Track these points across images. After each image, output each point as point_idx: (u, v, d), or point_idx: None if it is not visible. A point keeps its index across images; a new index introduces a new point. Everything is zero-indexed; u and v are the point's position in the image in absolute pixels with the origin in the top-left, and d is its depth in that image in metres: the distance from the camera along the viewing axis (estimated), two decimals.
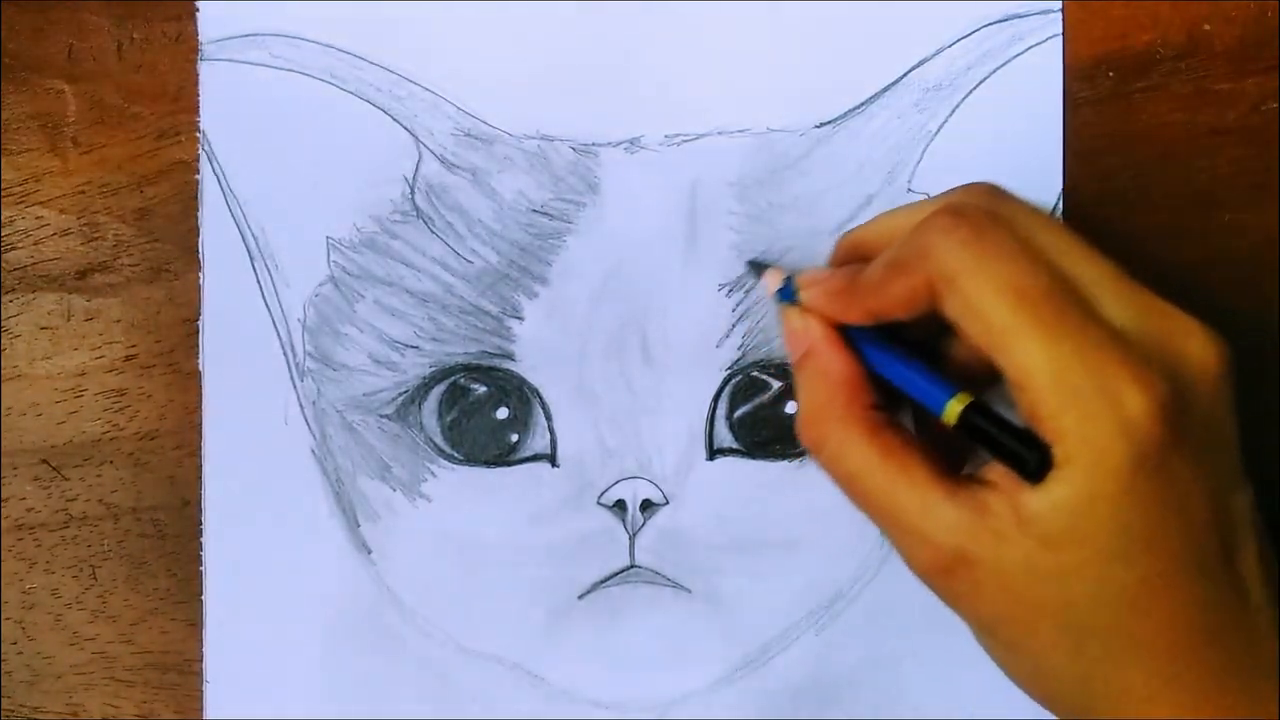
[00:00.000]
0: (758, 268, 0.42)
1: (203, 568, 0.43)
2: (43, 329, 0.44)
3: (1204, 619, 0.33)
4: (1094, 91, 0.43)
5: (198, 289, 0.43)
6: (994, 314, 0.32)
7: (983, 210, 0.34)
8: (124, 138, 0.44)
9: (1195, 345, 0.33)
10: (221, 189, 0.43)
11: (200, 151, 0.43)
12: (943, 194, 0.36)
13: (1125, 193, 0.43)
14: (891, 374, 0.36)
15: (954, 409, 0.34)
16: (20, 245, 0.44)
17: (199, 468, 0.43)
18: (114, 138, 0.44)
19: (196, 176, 0.43)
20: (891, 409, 0.36)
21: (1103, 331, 0.32)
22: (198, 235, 0.43)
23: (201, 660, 0.43)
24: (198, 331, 0.43)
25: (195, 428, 0.43)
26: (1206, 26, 0.43)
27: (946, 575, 0.34)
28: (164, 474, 0.44)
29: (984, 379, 0.35)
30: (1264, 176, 0.43)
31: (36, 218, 0.44)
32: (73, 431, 0.44)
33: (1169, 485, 0.32)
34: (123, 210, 0.44)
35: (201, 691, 0.43)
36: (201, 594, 0.43)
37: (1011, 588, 0.33)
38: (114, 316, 0.44)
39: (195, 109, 0.43)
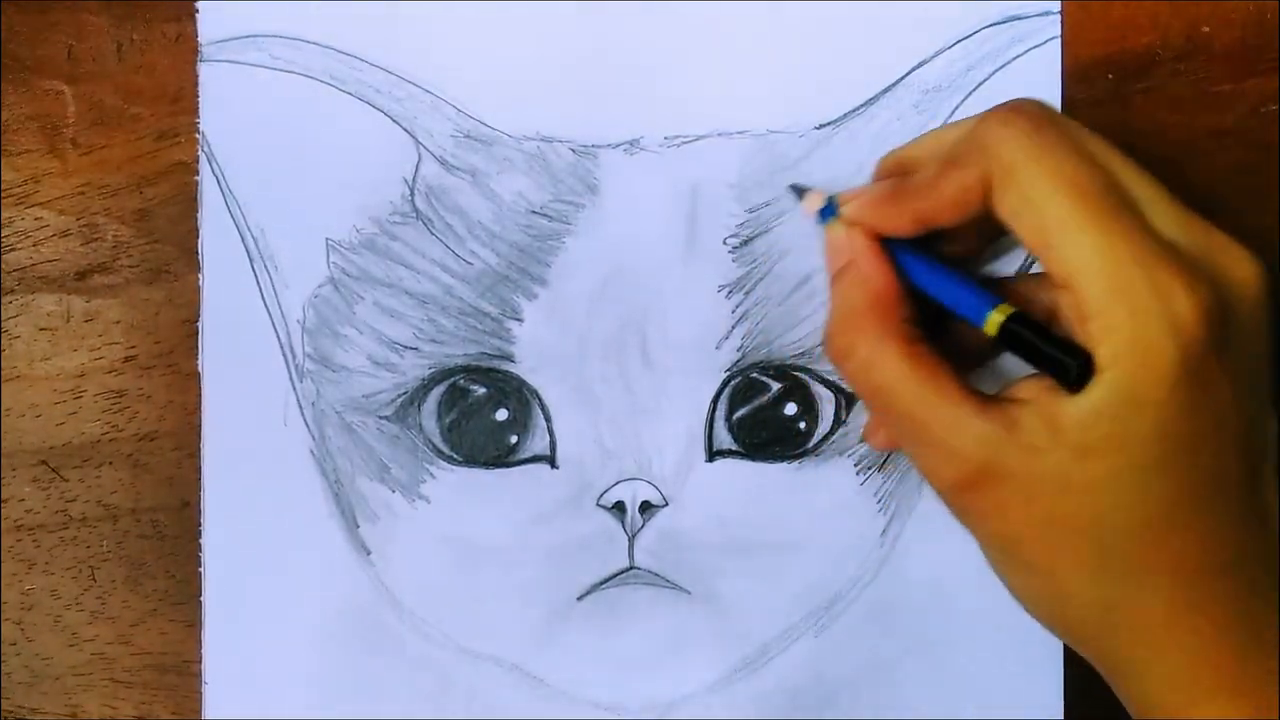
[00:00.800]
0: (799, 191, 0.41)
1: (201, 569, 0.43)
2: (42, 330, 0.44)
3: (1228, 544, 0.33)
4: (1093, 93, 0.43)
5: (197, 290, 0.43)
6: (1051, 207, 0.32)
7: (1041, 109, 0.34)
8: (123, 139, 0.44)
9: (1238, 263, 0.34)
10: (221, 190, 0.43)
11: (200, 153, 0.43)
12: (990, 108, 0.35)
13: None
14: (932, 285, 0.36)
15: (995, 319, 0.34)
16: (20, 246, 0.44)
17: (198, 469, 0.43)
18: (113, 139, 0.44)
19: (196, 178, 0.43)
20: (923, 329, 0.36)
21: (1156, 239, 0.33)
22: (197, 236, 0.43)
23: (200, 661, 0.43)
24: (197, 333, 0.43)
25: (194, 429, 0.43)
26: (1206, 28, 0.43)
27: (971, 490, 0.34)
28: (163, 475, 0.44)
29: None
30: (1263, 179, 0.43)
31: (36, 219, 0.44)
32: (72, 433, 0.44)
33: (1209, 395, 0.32)
34: (122, 211, 0.44)
35: (200, 692, 0.43)
36: (200, 595, 0.43)
37: (1038, 503, 0.33)
38: (113, 318, 0.44)
39: (195, 110, 0.43)
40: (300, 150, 0.43)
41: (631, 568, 0.43)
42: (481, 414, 0.43)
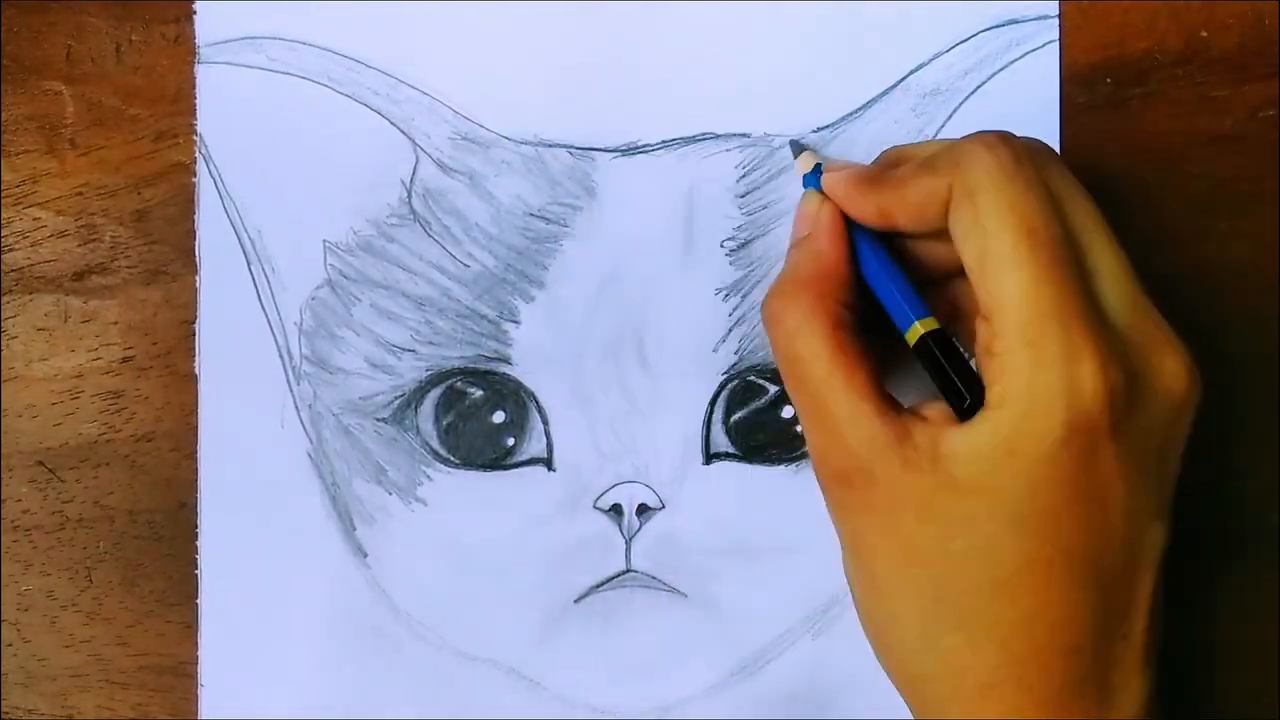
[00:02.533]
0: (797, 148, 0.41)
1: (198, 570, 0.43)
2: (39, 330, 0.44)
3: (1075, 627, 0.32)
4: (1091, 98, 0.43)
5: (195, 291, 0.43)
6: (998, 238, 0.32)
7: (1033, 147, 0.34)
8: (122, 139, 0.44)
9: (1170, 366, 0.33)
10: (218, 192, 0.43)
11: (197, 155, 0.43)
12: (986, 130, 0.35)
13: (1122, 199, 0.43)
14: (873, 278, 0.36)
15: (916, 330, 0.35)
16: (17, 247, 0.44)
17: (195, 470, 0.43)
18: (112, 139, 0.44)
19: (194, 179, 0.43)
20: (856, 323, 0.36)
21: (1089, 306, 0.32)
22: (195, 238, 0.43)
23: (196, 663, 0.43)
24: (195, 334, 0.43)
25: (192, 430, 0.43)
26: (1204, 33, 0.43)
27: (844, 484, 0.34)
28: (160, 476, 0.44)
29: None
30: (1262, 183, 0.43)
31: (34, 219, 0.44)
32: (69, 433, 0.44)
33: (1089, 474, 0.32)
34: (120, 212, 0.44)
35: (196, 694, 0.43)
36: (197, 596, 0.43)
37: (898, 518, 0.33)
38: (111, 318, 0.44)
39: (193, 111, 0.43)
40: (297, 152, 0.43)
41: (628, 570, 0.43)
42: (478, 416, 0.43)
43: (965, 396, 0.33)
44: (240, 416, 0.43)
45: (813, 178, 0.39)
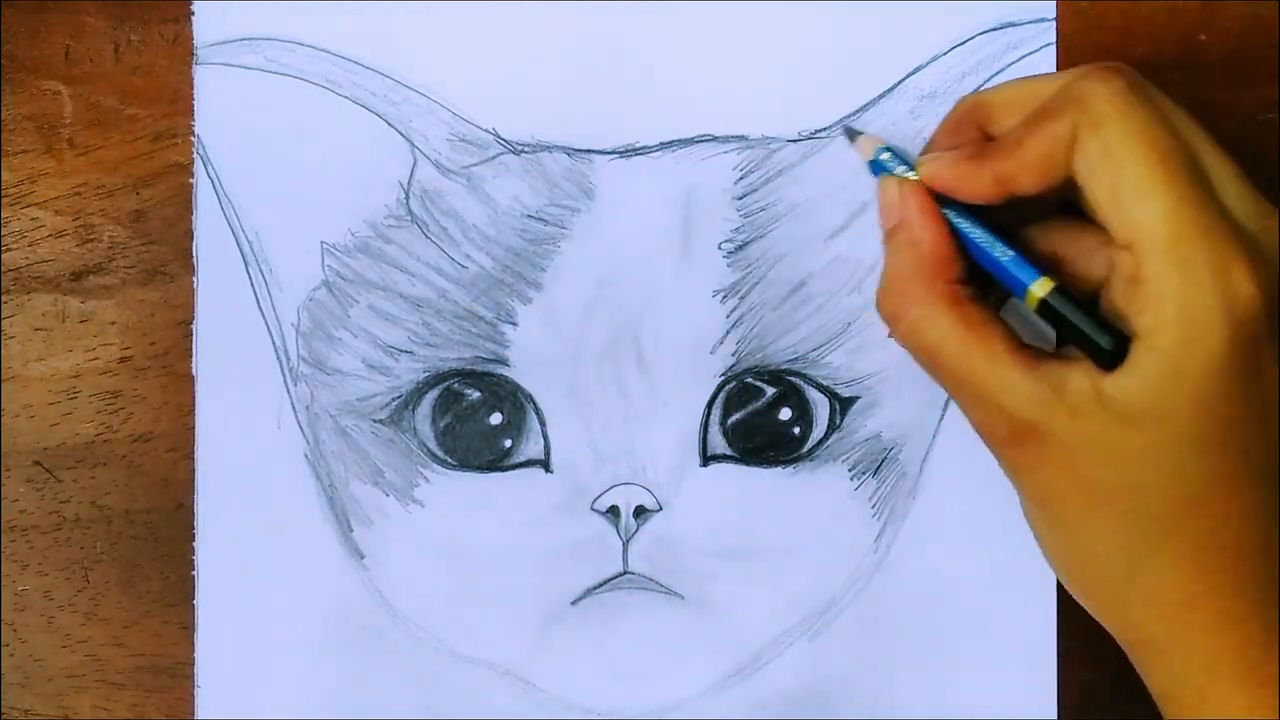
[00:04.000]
0: (851, 134, 0.41)
1: (195, 571, 0.43)
2: (37, 330, 0.44)
3: (1259, 531, 0.33)
4: None
5: (193, 292, 0.43)
6: (1129, 165, 0.32)
7: (1136, 75, 0.34)
8: (120, 140, 0.44)
9: None
10: (216, 193, 0.43)
11: (195, 155, 0.43)
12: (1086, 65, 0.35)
13: None
14: (977, 250, 0.36)
15: (1035, 294, 0.35)
16: (15, 247, 0.44)
17: (192, 471, 0.43)
18: (110, 139, 0.44)
19: (192, 180, 0.43)
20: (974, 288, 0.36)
21: (1223, 212, 0.33)
22: (193, 238, 0.43)
23: (193, 664, 0.43)
24: (193, 334, 0.43)
25: (189, 431, 0.43)
26: (1202, 36, 0.43)
27: (1015, 445, 0.34)
28: (157, 476, 0.44)
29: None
30: (1260, 187, 0.43)
31: (32, 219, 0.44)
32: (66, 433, 0.44)
33: (1255, 379, 0.32)
34: (118, 212, 0.44)
35: (193, 695, 0.43)
36: (194, 597, 0.43)
37: (1077, 464, 0.33)
38: (108, 319, 0.44)
39: (192, 112, 0.43)
40: (295, 153, 0.43)
41: (626, 572, 0.43)
42: (476, 418, 0.43)
43: (1106, 346, 0.33)
44: (237, 418, 0.43)
45: (880, 164, 0.38)
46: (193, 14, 0.43)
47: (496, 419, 0.43)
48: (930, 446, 0.43)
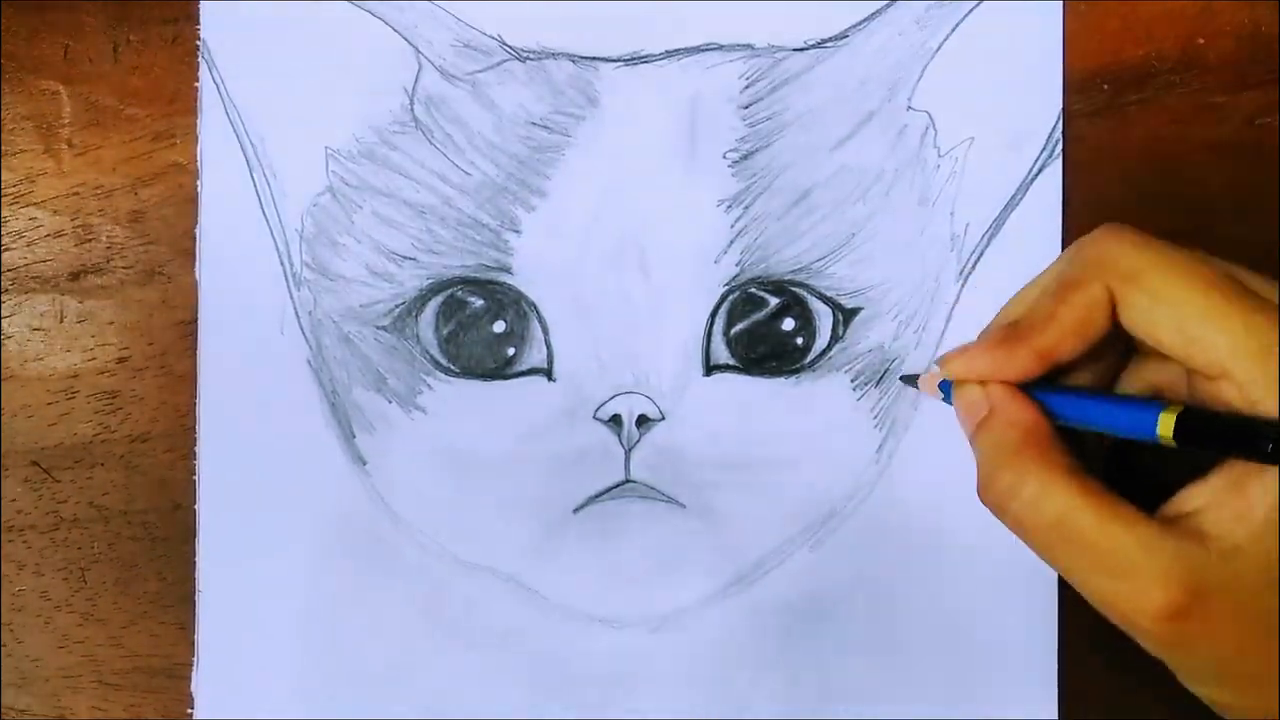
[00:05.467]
0: (909, 380, 0.41)
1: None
2: (35, 330, 0.44)
3: None
4: (1089, 104, 0.43)
5: (192, 292, 0.43)
6: (1186, 302, 0.32)
7: (1136, 228, 0.34)
8: (119, 140, 0.43)
9: None
10: (221, 98, 0.43)
11: (200, 60, 0.43)
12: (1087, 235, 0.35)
13: (1120, 205, 0.43)
14: (1079, 413, 0.34)
15: (1167, 420, 0.32)
16: (14, 246, 0.44)
17: (190, 471, 0.43)
18: (109, 140, 0.43)
19: (192, 180, 0.43)
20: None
21: (1274, 304, 0.32)
22: (192, 238, 0.43)
23: (190, 664, 0.43)
24: (191, 334, 0.43)
25: (187, 431, 0.43)
26: (1201, 40, 0.43)
27: (1182, 618, 0.31)
28: (155, 477, 0.43)
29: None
30: (1259, 190, 0.43)
31: (30, 219, 0.44)
32: (64, 433, 0.43)
33: None
34: (117, 212, 0.43)
35: (189, 695, 0.43)
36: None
37: (1251, 611, 0.31)
38: (107, 319, 0.44)
39: (192, 111, 0.43)
40: (300, 59, 0.43)
41: (628, 481, 0.43)
42: (479, 326, 0.43)
43: (1270, 433, 0.31)
44: (240, 322, 0.43)
45: (949, 384, 0.37)
46: None
47: (500, 327, 0.43)
48: (933, 357, 0.43)
